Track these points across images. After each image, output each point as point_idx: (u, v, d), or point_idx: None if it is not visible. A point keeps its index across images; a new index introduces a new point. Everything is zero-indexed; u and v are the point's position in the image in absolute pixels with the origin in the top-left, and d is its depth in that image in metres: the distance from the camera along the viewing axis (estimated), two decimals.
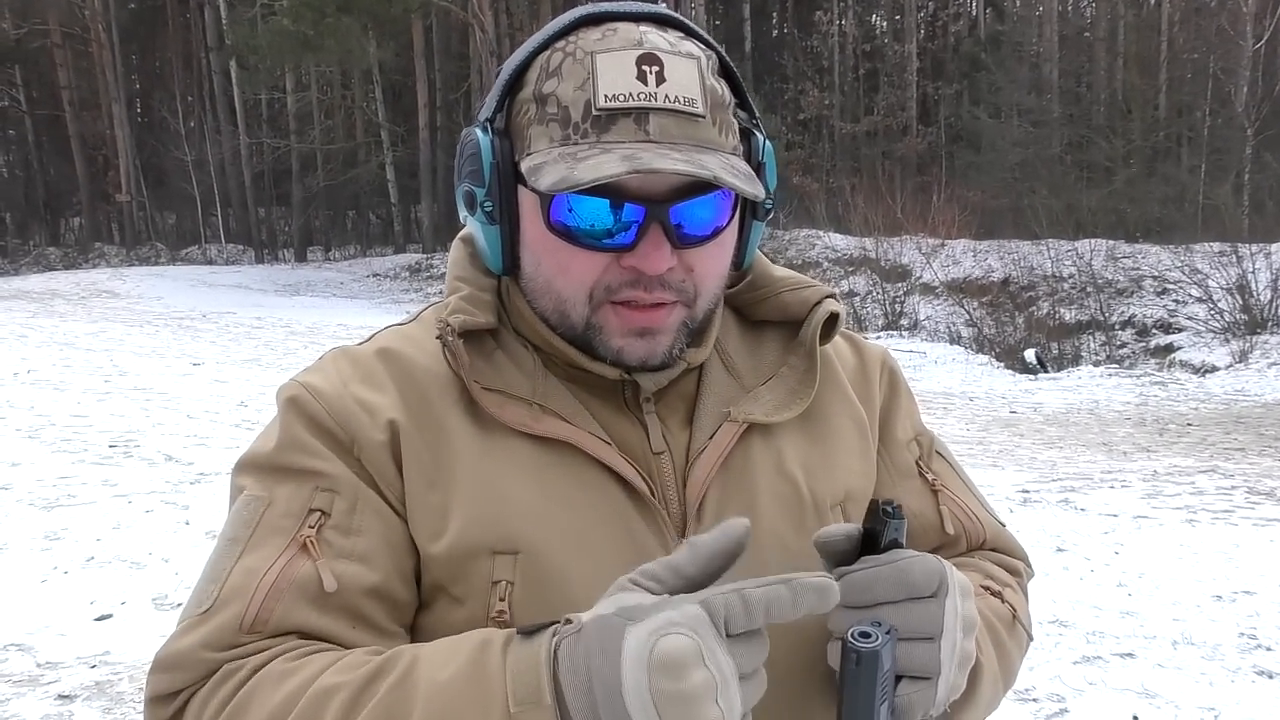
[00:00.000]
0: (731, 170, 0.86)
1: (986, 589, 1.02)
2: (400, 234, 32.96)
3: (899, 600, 0.82)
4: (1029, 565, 1.14)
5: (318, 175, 31.48)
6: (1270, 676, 4.07)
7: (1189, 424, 10.25)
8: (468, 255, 1.02)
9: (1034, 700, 3.85)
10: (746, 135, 0.96)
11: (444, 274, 1.08)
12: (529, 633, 0.77)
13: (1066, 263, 17.78)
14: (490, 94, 0.95)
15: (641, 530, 0.92)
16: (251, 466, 0.94)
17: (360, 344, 1.02)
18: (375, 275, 26.76)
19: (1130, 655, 4.29)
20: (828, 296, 1.03)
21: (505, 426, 0.92)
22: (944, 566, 0.84)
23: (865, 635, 0.80)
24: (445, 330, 0.92)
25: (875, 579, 0.83)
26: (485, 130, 0.92)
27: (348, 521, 0.89)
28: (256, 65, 28.52)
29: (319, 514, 0.89)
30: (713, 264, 0.93)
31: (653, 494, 0.93)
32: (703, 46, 0.93)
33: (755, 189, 0.86)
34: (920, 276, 18.69)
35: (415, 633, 0.92)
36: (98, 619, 4.71)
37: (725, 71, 0.94)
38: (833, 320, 1.03)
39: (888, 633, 0.80)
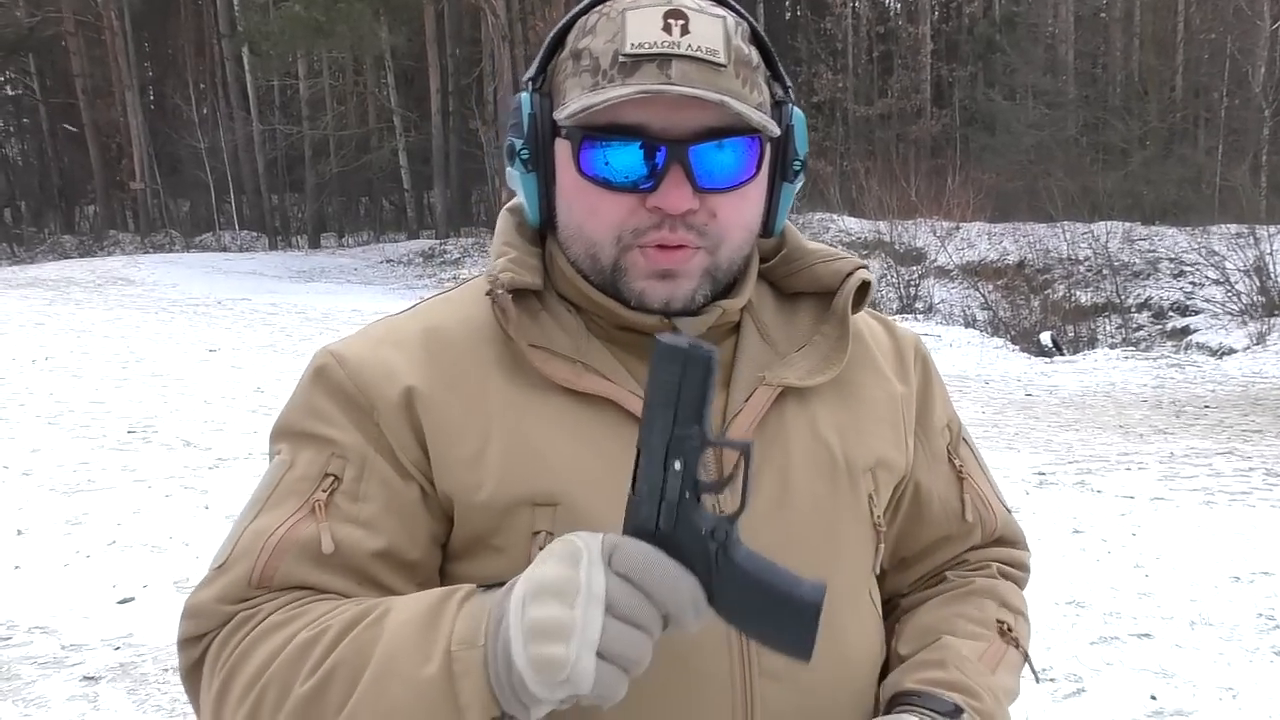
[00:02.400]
0: (744, 107, 0.90)
1: (1002, 634, 1.10)
2: (413, 220, 32.97)
3: None
4: (1027, 546, 1.23)
5: (330, 161, 31.46)
6: None
7: (1206, 406, 10.21)
8: (514, 224, 1.06)
9: (1051, 680, 3.86)
10: (779, 105, 1.00)
11: (457, 259, 1.13)
12: (489, 587, 0.84)
13: (1082, 245, 17.69)
14: (535, 58, 1.02)
15: None
16: (280, 431, 1.01)
17: (405, 311, 1.08)
18: (389, 261, 26.77)
19: (1148, 635, 4.29)
20: (859, 267, 1.07)
21: (544, 384, 0.97)
22: None
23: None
24: (495, 285, 0.96)
25: None
26: (528, 89, 0.99)
27: (356, 488, 0.94)
28: (269, 52, 28.51)
29: (333, 479, 0.94)
30: (737, 214, 0.96)
31: None
32: (733, 13, 0.97)
33: (766, 123, 0.91)
34: (935, 260, 18.63)
35: (454, 582, 0.95)
36: (120, 602, 4.75)
37: (757, 41, 0.99)
38: (864, 290, 1.07)
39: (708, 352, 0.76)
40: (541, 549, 0.89)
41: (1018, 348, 14.51)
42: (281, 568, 0.91)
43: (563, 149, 0.96)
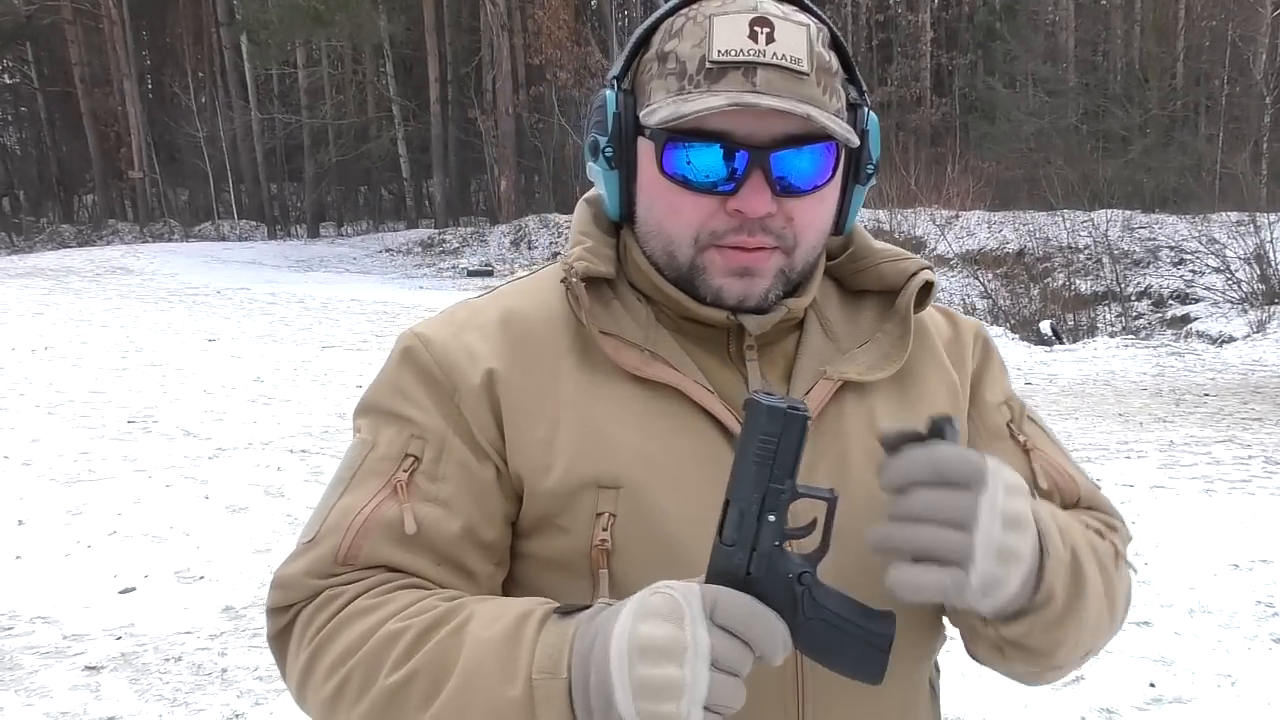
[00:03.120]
0: (828, 119, 0.93)
1: (1088, 526, 1.05)
2: (412, 209, 32.96)
3: (932, 483, 0.86)
4: (1127, 530, 1.14)
5: (329, 150, 31.43)
6: None
7: (1206, 394, 10.21)
8: (591, 215, 1.09)
9: None
10: (854, 108, 1.02)
11: (456, 249, 1.15)
12: (566, 612, 0.87)
13: (1082, 233, 17.67)
14: (619, 55, 1.04)
15: None
16: (364, 408, 1.05)
17: (480, 295, 1.12)
18: (388, 250, 26.76)
19: (1147, 623, 4.30)
20: (925, 268, 1.09)
21: (613, 371, 1.00)
22: (986, 463, 0.87)
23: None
24: (570, 273, 1.00)
25: (911, 460, 0.87)
26: (612, 87, 1.02)
27: (434, 469, 0.98)
28: (267, 40, 28.48)
29: (413, 459, 0.99)
30: (812, 217, 0.99)
31: None
32: (815, 19, 1.00)
33: (848, 135, 0.94)
34: (935, 249, 18.62)
35: (522, 559, 1.02)
36: (121, 592, 4.76)
37: (836, 46, 1.01)
38: (927, 289, 1.09)
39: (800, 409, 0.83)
40: (605, 530, 0.95)
41: (1017, 336, 14.52)
42: (366, 546, 0.96)
43: (645, 148, 0.99)
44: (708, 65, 0.94)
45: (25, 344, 11.75)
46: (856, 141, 0.96)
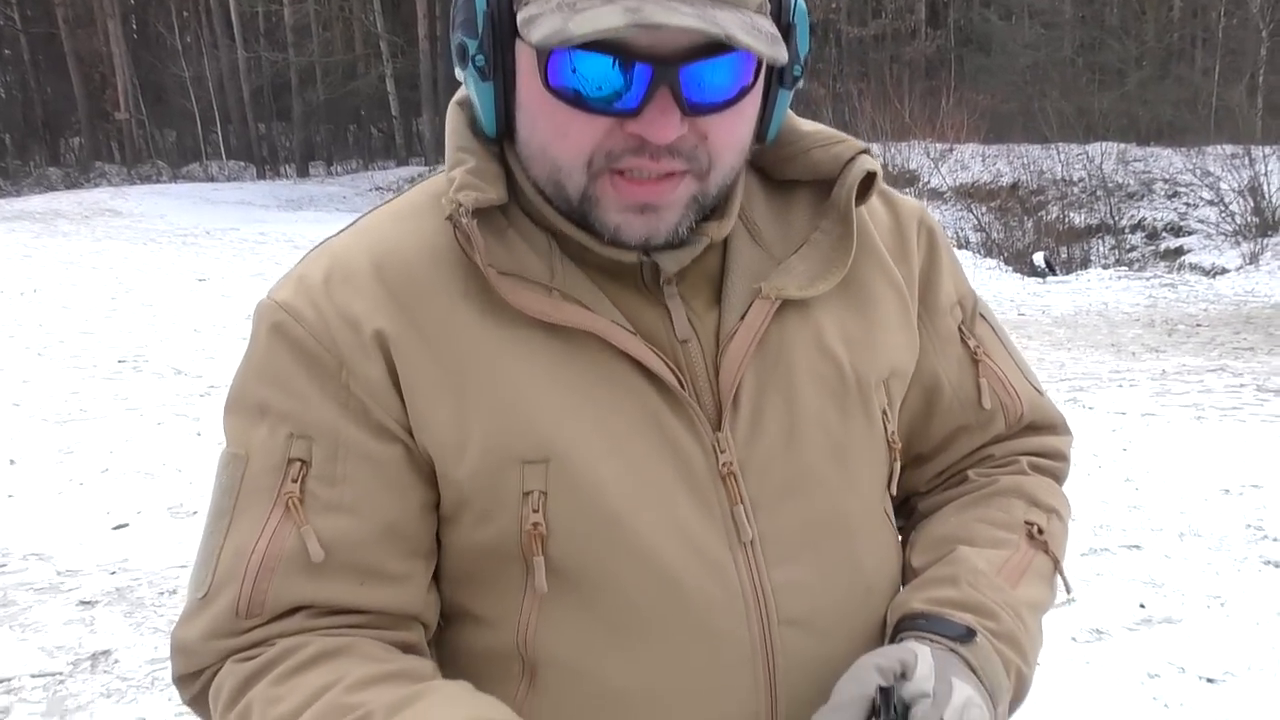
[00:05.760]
0: (750, 29, 0.75)
1: (1030, 538, 0.99)
2: (402, 147, 32.63)
3: None
4: (1067, 430, 1.10)
5: (317, 89, 31.06)
6: (1277, 566, 4.10)
7: (1198, 325, 10.22)
8: (467, 122, 0.90)
9: None
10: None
11: None
12: None
13: (1077, 166, 17.55)
14: None
15: (674, 427, 0.85)
16: (232, 404, 0.89)
17: (344, 233, 0.92)
18: (378, 189, 26.52)
19: (1137, 547, 4.32)
20: (862, 152, 0.93)
21: (520, 318, 0.84)
22: None
23: None
24: (457, 210, 0.82)
25: None
26: None
27: (330, 470, 0.83)
28: None
29: (300, 464, 0.83)
30: (730, 134, 0.82)
31: (682, 386, 0.86)
32: None
33: (776, 51, 0.76)
34: (928, 181, 18.49)
35: (445, 550, 0.89)
36: (115, 528, 4.77)
37: None
38: (869, 180, 0.93)
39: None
40: (536, 511, 0.83)
41: (1011, 269, 14.49)
42: (271, 590, 0.81)
43: (526, 55, 0.80)
44: None
45: (14, 287, 11.68)
46: (785, 58, 0.77)
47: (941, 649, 0.86)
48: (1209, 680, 3.26)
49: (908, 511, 1.08)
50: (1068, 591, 1.02)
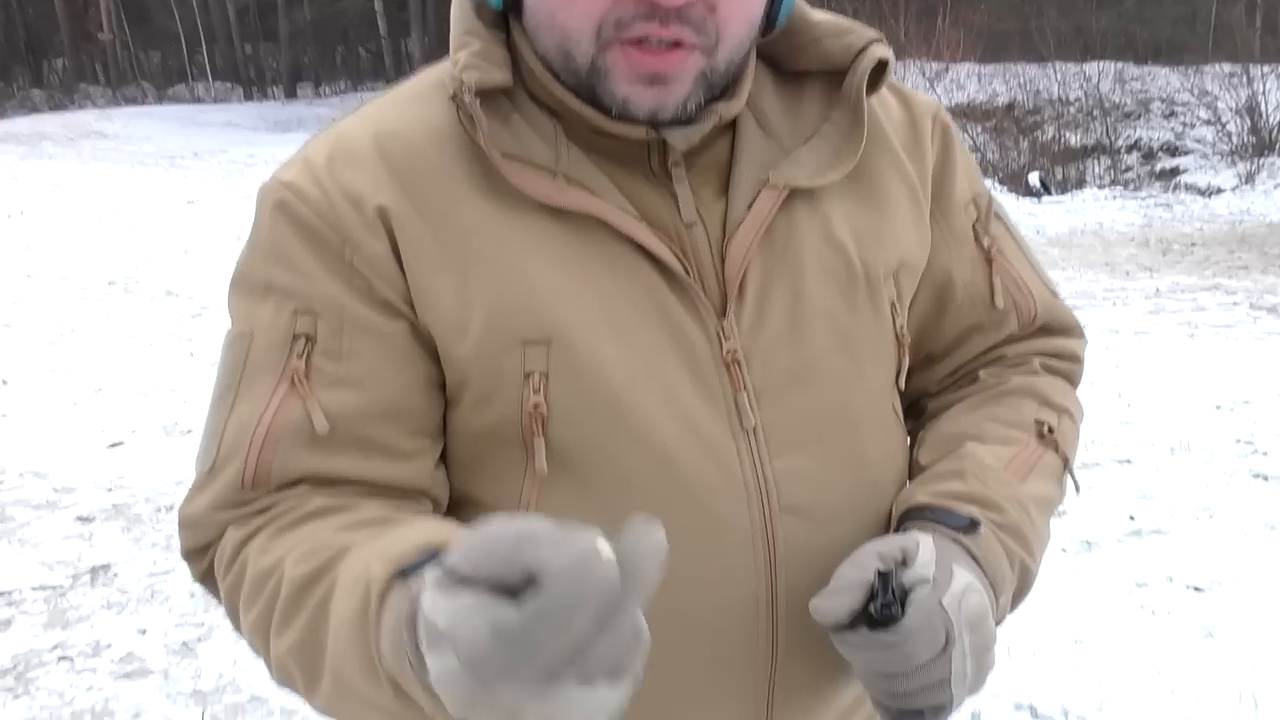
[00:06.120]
0: None
1: (1040, 436, 0.98)
2: (391, 68, 32.07)
3: (909, 671, 0.81)
4: (1081, 333, 1.09)
5: (304, 8, 30.49)
6: (1266, 479, 4.15)
7: (1193, 244, 10.20)
8: (474, 5, 0.88)
9: None
10: None
11: None
12: (405, 573, 0.68)
13: (1073, 86, 17.36)
14: None
15: (678, 312, 0.85)
16: (236, 284, 0.88)
17: (348, 117, 0.92)
18: None
19: (1128, 461, 4.36)
20: (874, 42, 0.91)
21: (524, 202, 0.83)
22: (946, 626, 0.80)
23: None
24: (460, 89, 0.81)
25: (879, 658, 0.81)
26: None
27: (335, 344, 0.83)
28: None
29: (305, 340, 0.83)
30: (739, 6, 0.82)
31: (686, 271, 0.85)
32: None
33: None
34: None
35: (447, 433, 0.88)
36: (110, 446, 4.78)
37: None
38: (880, 68, 0.91)
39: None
40: (537, 392, 0.82)
41: (1006, 188, 14.41)
42: (276, 461, 0.82)
43: None
44: None
45: (1, 209, 11.57)
46: None
47: (944, 538, 0.86)
48: (1196, 589, 3.30)
49: (918, 413, 1.07)
50: (1077, 491, 1.01)
